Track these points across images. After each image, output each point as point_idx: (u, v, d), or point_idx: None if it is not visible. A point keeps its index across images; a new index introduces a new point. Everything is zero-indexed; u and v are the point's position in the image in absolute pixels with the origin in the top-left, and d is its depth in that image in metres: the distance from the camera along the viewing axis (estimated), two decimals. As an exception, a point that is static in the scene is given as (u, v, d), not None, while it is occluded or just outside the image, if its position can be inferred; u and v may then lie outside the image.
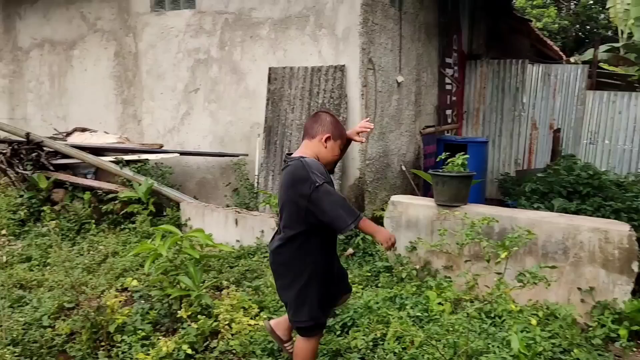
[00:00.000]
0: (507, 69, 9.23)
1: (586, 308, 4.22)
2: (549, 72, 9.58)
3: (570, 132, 9.68)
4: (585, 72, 9.58)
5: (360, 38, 6.24)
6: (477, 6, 9.63)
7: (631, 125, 9.44)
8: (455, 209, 4.86)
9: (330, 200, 2.80)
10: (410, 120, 7.59)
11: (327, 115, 3.12)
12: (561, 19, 20.45)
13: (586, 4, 20.90)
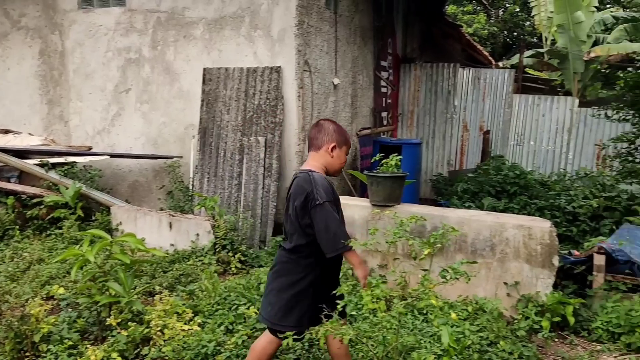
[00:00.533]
0: (439, 72, 9.50)
1: (512, 302, 4.40)
2: (479, 76, 9.95)
3: (498, 134, 10.09)
4: (512, 77, 10.02)
5: (296, 40, 6.26)
6: (411, 11, 9.87)
7: (554, 127, 9.97)
8: (389, 208, 4.95)
9: (325, 221, 2.81)
10: (346, 122, 7.67)
11: (330, 124, 3.12)
12: (490, 26, 21.31)
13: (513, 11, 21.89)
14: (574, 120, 9.93)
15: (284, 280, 3.02)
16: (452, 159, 9.76)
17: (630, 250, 4.80)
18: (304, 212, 2.87)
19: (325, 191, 2.87)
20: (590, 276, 4.62)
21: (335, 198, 3.00)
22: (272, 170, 6.18)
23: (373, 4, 8.29)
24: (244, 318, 4.11)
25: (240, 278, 5.06)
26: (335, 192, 3.02)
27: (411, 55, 10.08)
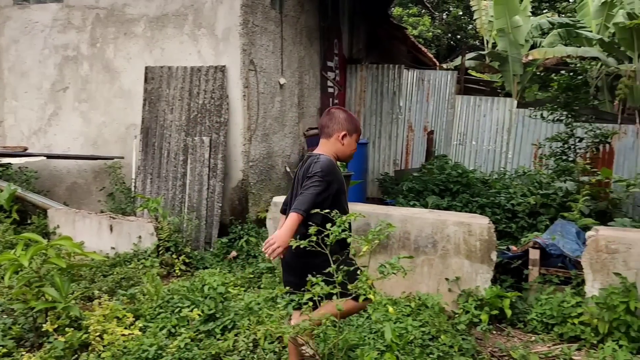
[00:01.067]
0: (385, 73, 9.64)
1: (453, 297, 4.52)
2: (423, 77, 10.16)
3: (442, 134, 10.34)
4: (454, 78, 10.29)
5: (240, 39, 6.21)
6: (356, 12, 9.97)
7: (494, 128, 10.31)
8: (334, 208, 4.98)
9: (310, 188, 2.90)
10: (293, 121, 7.68)
11: (340, 112, 3.22)
12: (435, 28, 21.80)
13: (456, 14, 22.48)
14: (513, 121, 10.29)
15: (319, 260, 2.83)
16: (398, 159, 9.93)
17: (562, 245, 5.02)
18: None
19: (323, 169, 2.96)
20: (526, 270, 4.81)
21: (335, 179, 3.04)
22: (217, 170, 6.11)
23: (319, 5, 8.33)
24: (187, 321, 4.04)
25: (185, 280, 4.98)
26: (337, 174, 3.09)
27: (357, 56, 10.19)
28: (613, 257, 4.01)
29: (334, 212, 2.79)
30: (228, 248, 5.91)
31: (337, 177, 3.09)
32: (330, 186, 3.00)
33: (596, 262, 4.07)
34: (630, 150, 9.98)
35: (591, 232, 4.18)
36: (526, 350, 3.64)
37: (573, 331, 3.95)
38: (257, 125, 6.58)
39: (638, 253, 3.92)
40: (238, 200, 6.42)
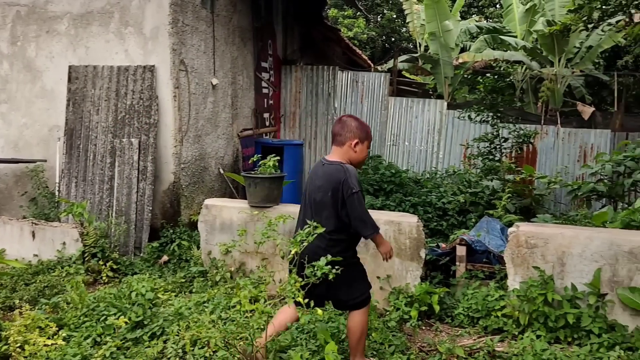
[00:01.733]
0: (319, 74, 9.71)
1: (384, 294, 4.61)
2: (357, 79, 10.31)
3: (376, 135, 10.52)
4: (387, 80, 10.49)
5: (170, 38, 6.08)
6: (290, 13, 9.98)
7: (426, 128, 10.59)
8: (267, 209, 4.97)
9: (360, 208, 3.16)
10: (227, 123, 7.59)
11: (352, 120, 3.37)
12: (369, 30, 22.16)
13: (390, 17, 22.94)
14: (443, 122, 10.61)
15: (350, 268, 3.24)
16: (333, 159, 10.00)
17: (488, 241, 5.23)
18: (336, 198, 3.17)
19: (358, 181, 3.21)
20: (453, 266, 4.98)
21: (362, 189, 3.28)
22: (146, 173, 5.95)
23: (252, 5, 8.27)
24: (113, 329, 3.91)
25: (112, 287, 4.83)
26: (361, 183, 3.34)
27: (292, 57, 10.20)
28: (532, 251, 4.21)
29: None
30: (159, 252, 5.77)
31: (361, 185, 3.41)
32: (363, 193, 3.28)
33: (517, 256, 4.26)
34: (551, 149, 10.53)
35: (512, 229, 4.37)
36: (452, 344, 3.77)
37: (496, 323, 4.12)
38: (188, 127, 6.46)
39: (554, 247, 4.14)
40: (170, 204, 6.28)
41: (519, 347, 3.61)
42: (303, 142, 9.16)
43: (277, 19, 9.46)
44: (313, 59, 11.01)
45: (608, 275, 3.99)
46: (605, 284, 3.99)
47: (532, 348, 3.55)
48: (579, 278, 4.07)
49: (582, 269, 4.07)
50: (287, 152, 8.06)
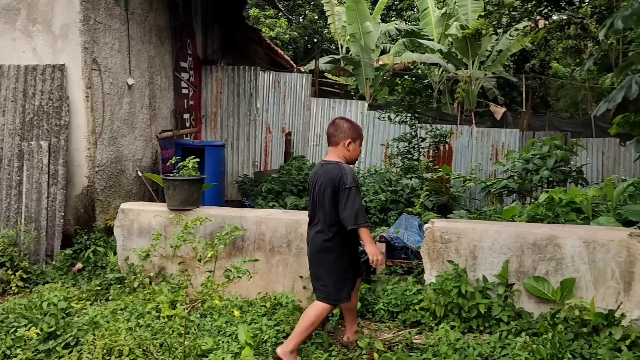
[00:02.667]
0: (241, 75, 9.63)
1: (307, 294, 4.65)
2: (279, 79, 10.32)
3: (299, 135, 10.59)
4: (309, 81, 10.59)
5: (81, 37, 5.82)
6: (210, 12, 9.83)
7: (348, 128, 10.78)
8: (187, 212, 4.88)
9: (352, 200, 3.46)
10: (145, 124, 7.37)
11: (344, 122, 3.73)
12: (292, 31, 22.24)
13: (312, 18, 23.14)
14: (365, 122, 10.85)
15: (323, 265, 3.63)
16: (257, 160, 9.98)
17: (407, 237, 5.41)
18: (335, 193, 3.50)
19: (352, 178, 3.52)
20: (374, 263, 5.09)
21: (357, 185, 3.57)
22: (57, 177, 5.66)
23: (169, 3, 8.07)
24: (24, 341, 3.71)
25: (22, 297, 4.57)
26: (356, 178, 3.62)
27: (212, 57, 10.05)
28: (447, 246, 4.39)
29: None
30: (73, 260, 5.51)
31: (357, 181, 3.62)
32: (359, 189, 3.57)
33: (433, 251, 4.44)
34: (466, 148, 11.03)
35: (428, 225, 4.55)
36: (372, 338, 3.86)
37: (414, 317, 4.27)
38: (103, 128, 6.22)
39: (467, 241, 4.34)
40: (84, 209, 6.02)
41: (435, 338, 3.76)
42: (225, 143, 9.06)
43: (196, 18, 9.29)
44: (234, 59, 10.91)
45: (515, 266, 4.23)
46: (513, 275, 4.23)
47: (446, 338, 3.71)
48: (490, 270, 4.29)
49: (492, 261, 4.29)
50: (209, 154, 7.94)
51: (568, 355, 3.43)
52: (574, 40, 13.64)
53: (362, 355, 3.70)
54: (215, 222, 4.72)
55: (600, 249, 4.02)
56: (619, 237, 4.01)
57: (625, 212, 4.94)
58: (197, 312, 4.10)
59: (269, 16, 21.62)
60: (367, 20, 16.54)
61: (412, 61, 16.93)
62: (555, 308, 4.00)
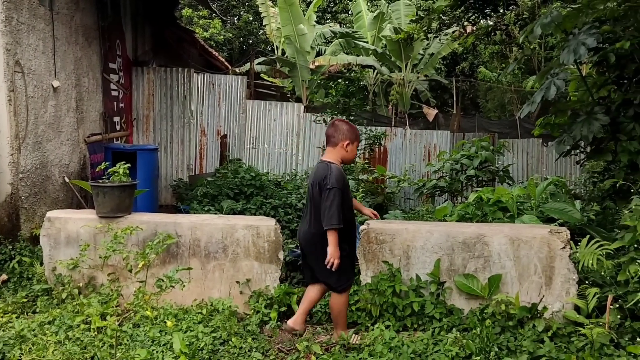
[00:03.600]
0: (174, 77, 9.43)
1: (245, 298, 4.63)
2: (213, 81, 10.19)
3: (235, 138, 10.50)
4: (245, 83, 10.51)
5: (3, 38, 5.53)
6: (140, 12, 9.58)
7: (284, 131, 10.80)
8: (118, 220, 4.73)
9: (331, 202, 3.73)
10: (72, 128, 7.08)
11: (343, 124, 4.00)
12: (226, 32, 21.99)
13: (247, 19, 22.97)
14: (301, 125, 10.90)
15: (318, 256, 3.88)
16: (192, 164, 9.81)
17: (343, 239, 5.47)
18: (320, 192, 3.80)
19: (337, 180, 3.78)
20: (311, 266, 5.13)
21: (345, 184, 3.89)
22: (-23, 185, 5.35)
23: (96, 3, 7.79)
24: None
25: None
26: (345, 180, 3.91)
27: (143, 58, 9.79)
28: (381, 247, 4.49)
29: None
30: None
31: (345, 182, 3.90)
32: (343, 192, 3.83)
33: (368, 252, 4.52)
34: (400, 149, 11.30)
35: (363, 226, 4.63)
36: (310, 341, 3.89)
37: (351, 317, 4.34)
38: (27, 133, 5.93)
39: (400, 242, 4.46)
40: (7, 217, 5.71)
41: (371, 338, 3.84)
42: (158, 147, 8.85)
43: (125, 18, 9.02)
44: (167, 60, 10.68)
45: (446, 264, 4.39)
46: (445, 273, 4.39)
47: (382, 337, 3.79)
48: (422, 269, 4.43)
49: (425, 260, 4.43)
50: (141, 158, 7.74)
51: (495, 348, 3.59)
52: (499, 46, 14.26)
53: (300, 358, 3.73)
54: (148, 229, 4.61)
55: (524, 246, 4.24)
56: (540, 234, 4.24)
57: (546, 209, 5.22)
58: (130, 323, 3.99)
59: (202, 17, 21.26)
60: (301, 23, 16.62)
61: (348, 63, 17.17)
62: (484, 303, 4.18)
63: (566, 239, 4.18)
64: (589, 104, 5.96)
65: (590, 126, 5.46)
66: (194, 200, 8.25)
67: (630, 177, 5.38)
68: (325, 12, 24.10)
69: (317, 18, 20.28)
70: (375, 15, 17.93)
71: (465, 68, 20.26)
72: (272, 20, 18.62)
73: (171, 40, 11.00)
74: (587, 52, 5.26)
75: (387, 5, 18.30)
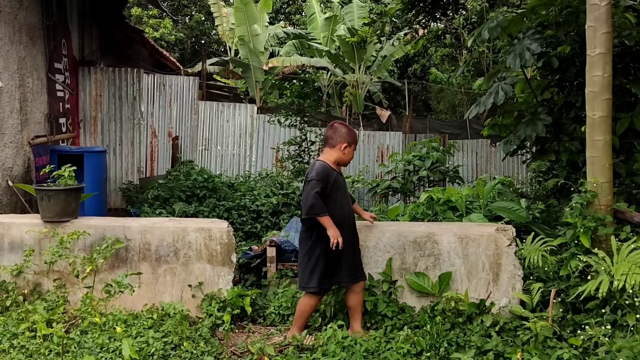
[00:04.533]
0: (122, 77, 9.21)
1: (197, 302, 4.57)
2: (164, 82, 10.01)
3: (187, 140, 10.35)
4: (196, 84, 10.38)
5: (-63, 34, 5.27)
6: (87, 11, 9.31)
7: (237, 133, 10.72)
8: (64, 224, 4.58)
9: (309, 192, 3.80)
10: (15, 129, 6.81)
11: (342, 126, 4.10)
12: (177, 32, 21.63)
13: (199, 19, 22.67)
14: (255, 126, 10.85)
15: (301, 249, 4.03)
16: (143, 166, 9.60)
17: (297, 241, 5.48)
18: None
19: (317, 174, 3.85)
20: (265, 267, 5.13)
21: (330, 181, 3.90)
22: None
23: (41, 1, 7.53)
24: None
25: None
26: (330, 177, 3.93)
27: (90, 58, 9.51)
28: (335, 247, 4.52)
29: None
30: None
31: (329, 178, 3.91)
32: (325, 186, 3.84)
33: (321, 253, 4.54)
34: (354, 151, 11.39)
35: (316, 227, 4.64)
36: (263, 343, 3.88)
37: (305, 318, 4.34)
38: (-35, 135, 5.67)
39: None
40: (-56, 224, 5.44)
41: (324, 338, 3.86)
42: (106, 149, 8.61)
43: (72, 17, 8.75)
44: (115, 60, 10.42)
45: (398, 263, 4.46)
46: (396, 271, 4.46)
47: (335, 337, 3.81)
48: (375, 268, 4.48)
49: (377, 259, 4.49)
50: (88, 161, 7.51)
51: (445, 344, 3.68)
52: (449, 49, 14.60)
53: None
54: (95, 233, 4.48)
55: (472, 244, 4.35)
56: (487, 232, 4.36)
57: (494, 208, 5.38)
58: (77, 330, 3.86)
59: (152, 16, 20.82)
60: (255, 23, 16.54)
61: (302, 65, 17.20)
62: (435, 301, 4.27)
63: (512, 236, 4.32)
64: (533, 105, 6.19)
65: (534, 126, 5.68)
66: (145, 203, 8.08)
67: (572, 176, 5.61)
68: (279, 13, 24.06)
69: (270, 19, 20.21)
70: (329, 17, 18.03)
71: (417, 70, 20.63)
72: (224, 20, 18.43)
73: (120, 40, 10.74)
74: (532, 56, 5.46)
75: (340, 7, 18.43)
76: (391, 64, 19.36)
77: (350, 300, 4.11)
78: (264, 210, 7.84)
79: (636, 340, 3.19)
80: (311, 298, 4.02)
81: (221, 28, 18.59)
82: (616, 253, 3.78)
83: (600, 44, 4.22)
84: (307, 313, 4.07)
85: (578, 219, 4.11)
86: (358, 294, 4.10)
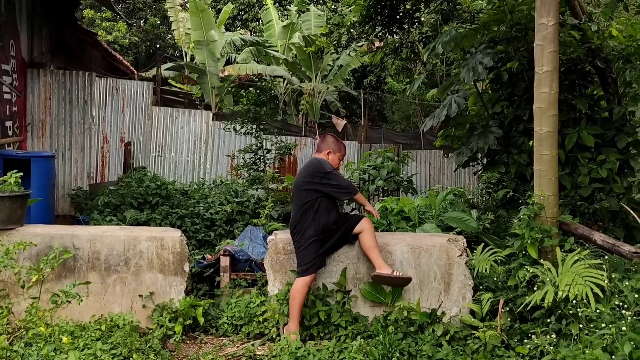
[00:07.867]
0: (73, 80, 8.94)
1: (148, 312, 4.46)
2: (117, 86, 9.79)
3: (140, 145, 10.14)
4: (151, 89, 10.19)
5: None
6: (37, 11, 9.01)
7: (192, 139, 10.58)
8: (9, 232, 4.39)
9: (337, 181, 4.37)
10: (-44, 132, 6.52)
11: (330, 137, 4.63)
12: (132, 35, 21.20)
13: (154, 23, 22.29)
14: (210, 133, 10.73)
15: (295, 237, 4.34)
16: (93, 172, 9.33)
17: (251, 250, 5.45)
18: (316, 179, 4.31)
19: (329, 165, 4.40)
20: (218, 277, 5.06)
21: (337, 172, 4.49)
22: None
23: (-12, -1, 7.26)
24: None
25: None
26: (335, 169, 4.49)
27: (40, 59, 9.19)
28: (289, 257, 4.52)
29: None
30: None
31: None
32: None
33: (276, 262, 4.53)
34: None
35: (271, 237, 4.63)
36: (216, 354, 3.83)
37: (258, 328, 4.32)
38: None
39: (308, 252, 4.49)
40: None
41: (277, 349, 3.84)
42: (55, 154, 8.33)
43: (20, 17, 8.45)
44: (67, 62, 10.11)
45: (352, 273, 4.49)
46: (350, 281, 4.48)
47: (288, 348, 3.80)
48: (330, 278, 4.50)
49: (332, 269, 4.51)
50: (35, 166, 7.25)
51: (397, 354, 3.72)
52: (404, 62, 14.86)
53: (205, 372, 3.65)
54: (42, 241, 4.32)
55: (424, 254, 4.43)
56: (439, 243, 4.46)
57: (445, 218, 5.50)
58: (21, 342, 3.71)
59: (105, 18, 20.32)
60: (212, 29, 16.37)
61: (258, 73, 17.14)
62: (388, 310, 4.32)
63: (463, 247, 4.43)
64: (485, 118, 6.38)
65: (486, 139, 5.85)
66: (95, 210, 7.85)
67: (520, 188, 5.81)
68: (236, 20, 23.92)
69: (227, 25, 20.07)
70: (286, 24, 18.06)
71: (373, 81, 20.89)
72: (180, 25, 18.19)
73: (72, 42, 10.43)
74: (485, 70, 5.64)
75: (297, 15, 18.49)
76: (348, 74, 19.54)
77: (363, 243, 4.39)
78: (218, 219, 7.75)
79: (579, 349, 3.31)
80: (300, 279, 4.22)
81: (177, 32, 18.33)
82: (561, 264, 3.92)
83: (547, 62, 4.40)
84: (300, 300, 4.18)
85: (525, 230, 4.25)
86: (364, 233, 4.35)
